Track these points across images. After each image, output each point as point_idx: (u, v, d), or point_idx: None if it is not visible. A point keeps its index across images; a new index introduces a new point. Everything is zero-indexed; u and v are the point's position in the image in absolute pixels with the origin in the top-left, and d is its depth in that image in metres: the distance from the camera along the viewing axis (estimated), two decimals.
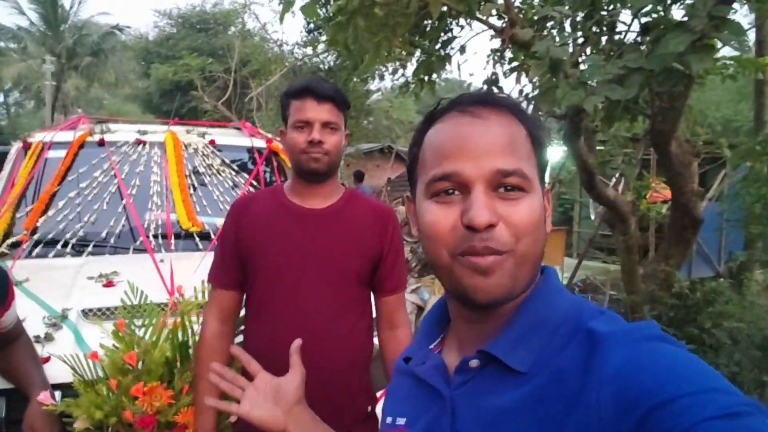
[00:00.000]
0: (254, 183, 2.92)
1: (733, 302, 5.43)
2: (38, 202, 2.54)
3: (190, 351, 1.51)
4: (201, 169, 2.93)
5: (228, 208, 2.65)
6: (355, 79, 12.35)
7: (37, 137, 2.90)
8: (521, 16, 4.03)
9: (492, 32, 3.74)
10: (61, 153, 2.75)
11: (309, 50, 13.26)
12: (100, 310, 1.72)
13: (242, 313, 1.50)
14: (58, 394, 1.42)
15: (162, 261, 2.13)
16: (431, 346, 0.69)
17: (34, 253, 2.32)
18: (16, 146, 2.89)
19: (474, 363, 0.59)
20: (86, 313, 1.71)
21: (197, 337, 1.52)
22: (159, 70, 17.58)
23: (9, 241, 2.37)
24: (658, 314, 4.57)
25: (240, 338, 1.49)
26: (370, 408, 1.46)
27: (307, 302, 1.35)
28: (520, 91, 4.06)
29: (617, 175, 6.94)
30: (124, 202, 2.58)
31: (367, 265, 1.43)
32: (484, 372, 0.59)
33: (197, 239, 2.55)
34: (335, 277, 1.38)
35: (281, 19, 3.95)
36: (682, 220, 4.62)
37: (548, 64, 3.20)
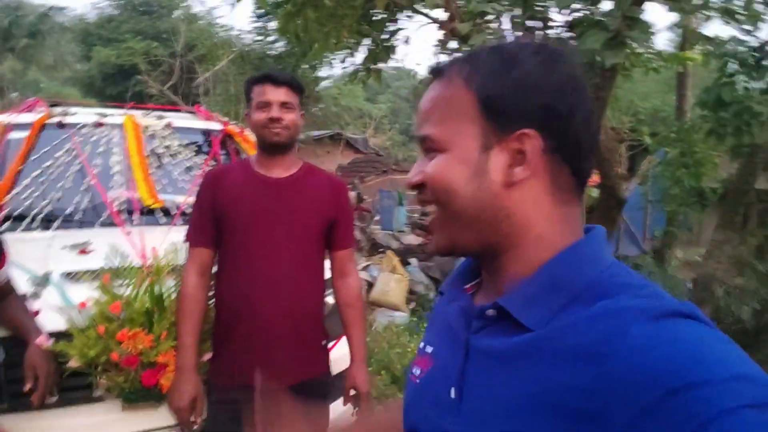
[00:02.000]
0: (212, 163, 3.12)
1: (654, 275, 6.03)
2: (4, 180, 2.65)
3: (165, 303, 1.75)
4: (160, 150, 3.10)
5: (186, 186, 2.86)
6: (303, 66, 12.44)
7: None
8: (462, 10, 4.35)
9: (432, 24, 4.05)
10: (23, 134, 2.86)
11: (257, 36, 13.21)
12: (81, 272, 1.92)
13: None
14: (50, 340, 1.63)
15: (129, 233, 2.33)
16: (467, 286, 0.70)
17: (2, 228, 2.45)
18: None
19: (490, 312, 0.60)
20: (68, 275, 1.91)
21: (171, 293, 1.76)
22: (101, 53, 17.03)
23: None
24: None
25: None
26: (324, 342, 1.76)
27: (275, 255, 1.63)
28: None
29: None
30: (88, 179, 2.73)
31: (324, 225, 1.73)
32: (500, 322, 0.59)
33: (159, 215, 2.74)
34: (298, 233, 1.67)
35: (233, 7, 4.11)
36: (608, 201, 5.10)
37: None
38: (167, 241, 2.08)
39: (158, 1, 19.38)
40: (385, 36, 4.63)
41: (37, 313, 1.68)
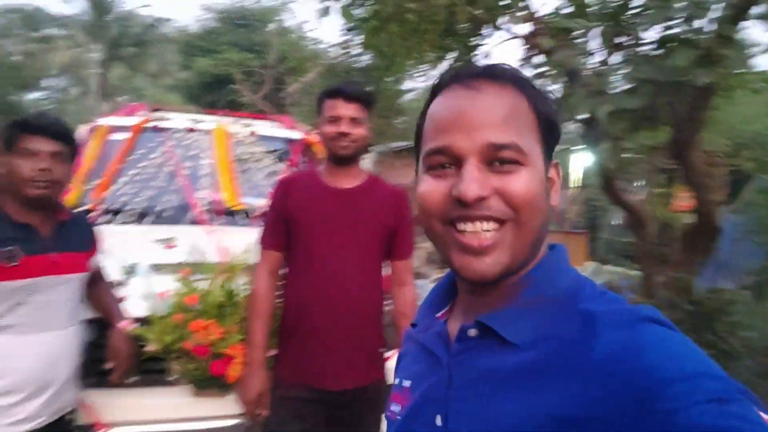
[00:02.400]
0: (291, 170, 3.26)
1: (751, 312, 5.53)
2: (104, 177, 2.92)
3: (236, 299, 1.85)
4: (244, 156, 3.28)
5: (265, 191, 3.00)
6: (387, 79, 12.65)
7: (103, 121, 3.30)
8: (547, 25, 4.27)
9: (514, 40, 4.00)
10: (124, 136, 3.14)
11: (343, 50, 13.61)
12: (165, 264, 2.08)
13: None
14: (132, 325, 1.77)
15: (210, 232, 2.49)
16: (438, 314, 0.70)
17: (103, 220, 2.70)
18: (84, 128, 3.29)
19: (472, 332, 0.60)
20: (154, 267, 2.07)
21: (241, 289, 1.86)
22: (200, 63, 18.20)
23: (81, 209, 2.75)
24: (676, 320, 4.71)
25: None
26: (382, 349, 1.79)
27: (338, 261, 1.69)
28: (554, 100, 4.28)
29: (642, 182, 7.05)
30: (178, 180, 2.94)
31: (385, 234, 1.77)
32: (482, 342, 0.59)
33: (240, 217, 2.90)
34: (361, 241, 1.72)
35: (318, 21, 4.27)
36: (702, 228, 4.75)
37: (566, 73, 3.45)
38: (243, 242, 2.21)
39: (254, 14, 20.51)
40: (467, 50, 4.62)
41: (123, 299, 1.83)
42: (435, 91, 0.64)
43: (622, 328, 0.51)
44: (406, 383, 0.69)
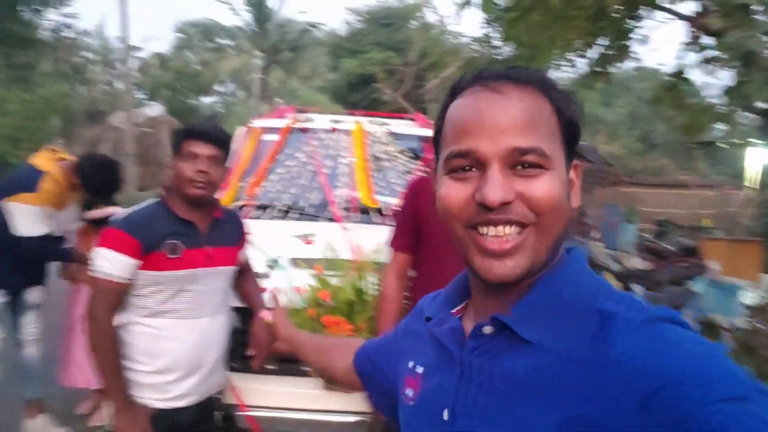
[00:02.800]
0: (426, 169, 3.27)
1: None
2: (256, 175, 3.19)
3: (365, 297, 1.89)
4: (380, 155, 3.36)
5: (399, 190, 3.01)
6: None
7: (257, 123, 3.60)
8: (717, 2, 3.74)
9: (675, 20, 3.57)
10: (274, 137, 3.40)
11: (484, 42, 13.32)
12: (302, 259, 2.20)
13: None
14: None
15: (345, 229, 2.58)
16: (454, 310, 0.70)
17: (252, 215, 2.95)
18: (241, 130, 3.62)
19: (487, 329, 0.60)
20: (293, 261, 2.21)
21: (371, 288, 1.90)
22: (347, 63, 19.13)
23: (235, 204, 3.04)
24: None
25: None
26: None
27: None
28: (724, 87, 3.78)
29: None
30: (319, 179, 3.11)
31: None
32: (496, 339, 0.60)
33: (374, 215, 2.97)
34: None
35: (459, 15, 4.22)
36: None
37: (741, 56, 2.99)
38: (375, 240, 2.26)
39: (398, 12, 21.01)
40: (619, 35, 4.24)
41: (265, 290, 1.97)
42: (455, 92, 0.63)
43: (639, 328, 0.51)
44: (419, 369, 0.70)
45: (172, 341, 1.58)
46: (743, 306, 5.49)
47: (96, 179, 2.70)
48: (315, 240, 2.47)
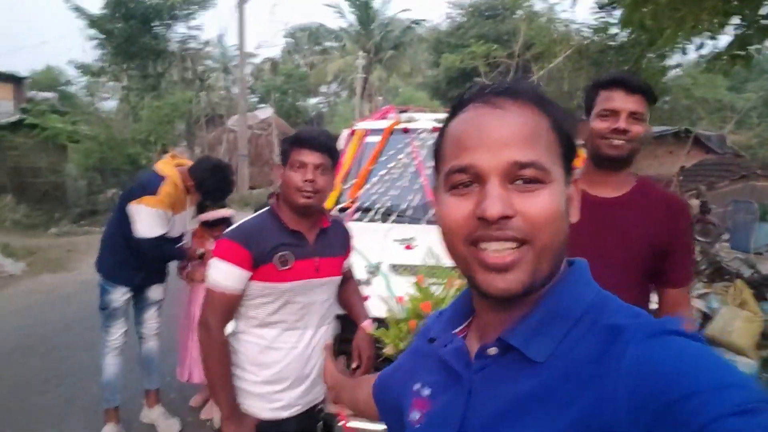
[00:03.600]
0: None
1: None
2: (359, 177, 3.19)
3: None
4: None
5: None
6: (649, 55, 11.18)
7: (360, 125, 3.61)
8: None
9: None
10: (376, 138, 3.38)
11: (597, 28, 12.48)
12: (403, 266, 2.15)
13: None
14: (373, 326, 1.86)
15: None
16: (456, 330, 0.70)
17: (355, 217, 2.96)
18: (345, 132, 3.66)
19: (492, 351, 0.60)
20: (394, 267, 2.16)
21: None
22: (447, 59, 18.89)
23: (338, 207, 3.07)
24: None
25: None
26: None
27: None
28: None
29: None
30: (420, 180, 3.04)
31: (652, 254, 1.44)
32: (503, 360, 0.59)
33: None
34: (619, 262, 1.42)
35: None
36: None
37: None
38: None
39: (502, 3, 20.39)
40: (762, 13, 3.71)
41: (366, 298, 1.94)
42: (455, 109, 0.64)
43: (647, 341, 0.50)
44: (426, 391, 0.70)
45: (280, 351, 1.59)
46: None
47: (209, 183, 2.84)
48: (415, 245, 2.41)
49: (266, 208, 1.69)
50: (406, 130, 3.40)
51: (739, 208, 9.16)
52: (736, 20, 3.94)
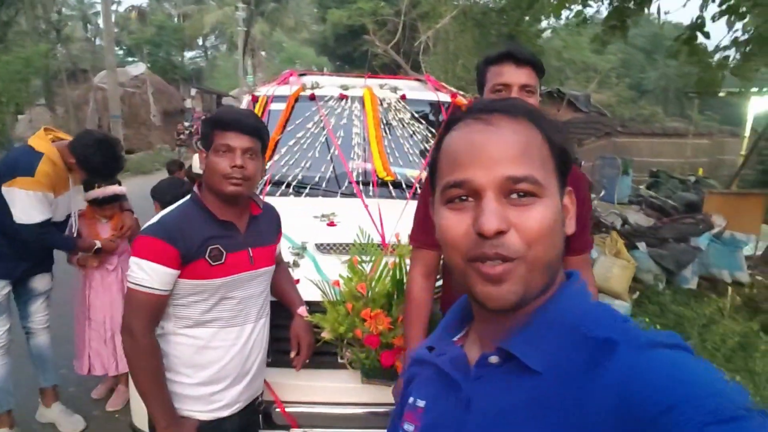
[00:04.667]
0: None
1: None
2: (266, 149, 3.03)
3: (404, 288, 1.80)
4: (393, 123, 3.20)
5: (416, 160, 2.85)
6: (527, 18, 11.77)
7: (262, 91, 3.40)
8: None
9: None
10: (281, 105, 3.21)
11: None
12: (330, 245, 2.10)
13: None
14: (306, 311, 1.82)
15: (367, 206, 2.47)
16: (455, 339, 0.71)
17: (264, 192, 2.82)
18: (246, 99, 3.43)
19: (494, 359, 0.61)
20: (320, 247, 2.10)
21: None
22: (334, 14, 18.41)
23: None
24: None
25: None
26: None
27: None
28: (734, 39, 3.63)
29: None
30: (333, 150, 2.96)
31: None
32: (502, 368, 0.60)
33: (391, 188, 2.85)
34: None
35: None
36: None
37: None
38: (403, 218, 2.15)
39: None
40: None
41: (297, 282, 1.88)
42: (449, 125, 0.66)
43: (634, 354, 0.52)
44: (420, 403, 0.70)
45: (218, 351, 1.49)
46: (747, 261, 5.52)
47: (94, 159, 2.53)
48: (338, 221, 2.36)
49: (187, 197, 1.54)
50: (312, 97, 3.27)
51: (605, 164, 10.16)
52: None
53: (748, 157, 8.39)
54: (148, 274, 1.35)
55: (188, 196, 1.52)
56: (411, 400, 0.72)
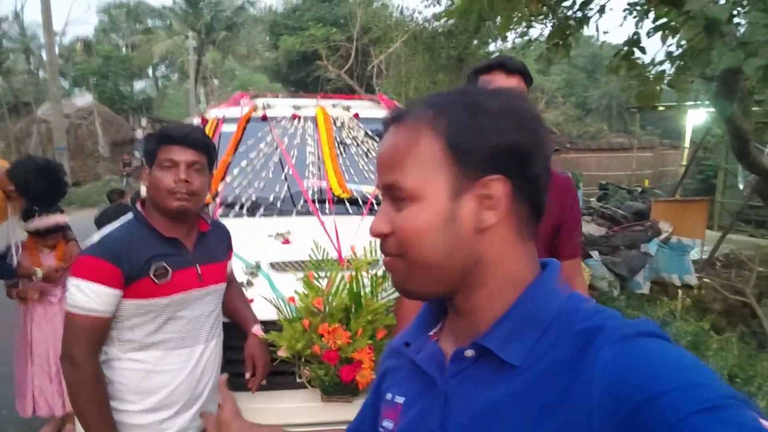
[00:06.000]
0: None
1: None
2: (217, 170, 2.96)
3: (362, 301, 1.77)
4: (347, 141, 3.20)
5: (371, 177, 2.85)
6: (474, 42, 12.15)
7: (212, 113, 3.35)
8: None
9: None
10: (232, 127, 3.17)
11: (429, 15, 13.16)
12: (285, 263, 2.05)
13: None
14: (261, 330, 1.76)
15: (323, 223, 2.44)
16: (431, 333, 0.71)
17: (217, 214, 2.75)
18: (195, 122, 3.36)
19: (469, 353, 0.61)
20: (274, 265, 2.05)
21: (367, 290, 1.78)
22: (287, 41, 18.49)
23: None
24: None
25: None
26: None
27: None
28: (668, 53, 3.83)
29: None
30: (287, 170, 2.93)
31: (550, 233, 1.53)
32: (478, 363, 0.60)
33: (347, 204, 2.83)
34: None
35: None
36: None
37: (703, 24, 3.02)
38: (360, 234, 2.13)
39: None
40: (575, 7, 4.22)
41: (251, 301, 1.82)
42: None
43: (618, 344, 0.51)
44: (399, 399, 0.69)
45: (166, 375, 1.41)
46: (694, 264, 5.76)
47: (36, 186, 2.41)
48: (293, 239, 2.32)
49: (128, 215, 1.48)
50: (264, 118, 3.24)
51: None
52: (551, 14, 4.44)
53: (688, 167, 8.82)
54: (88, 296, 1.28)
55: (129, 215, 1.45)
56: (389, 396, 0.71)
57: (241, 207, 2.77)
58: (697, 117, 9.42)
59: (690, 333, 3.93)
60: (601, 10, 4.04)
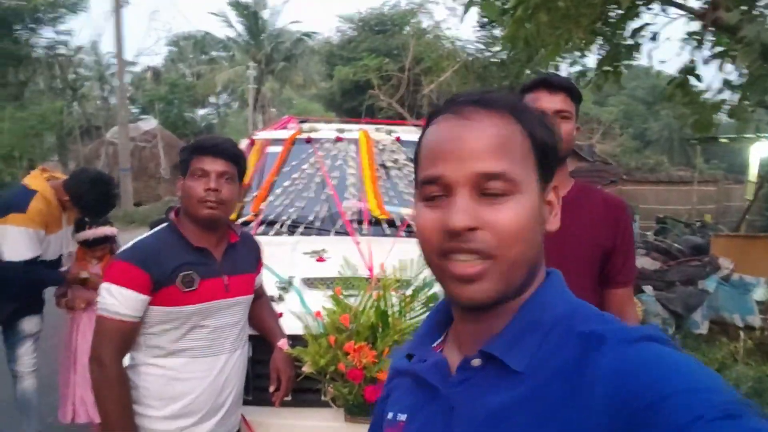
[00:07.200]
0: None
1: None
2: (261, 189, 3.06)
3: (390, 320, 1.76)
4: (388, 164, 3.23)
5: (411, 199, 2.86)
6: (528, 72, 12.09)
7: (260, 135, 3.47)
8: None
9: (688, 16, 3.47)
10: (278, 148, 3.27)
11: (481, 45, 13.24)
12: (317, 279, 2.07)
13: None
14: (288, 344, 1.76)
15: (359, 243, 2.45)
16: (434, 345, 0.69)
17: (258, 231, 2.82)
18: (244, 143, 3.49)
19: (476, 362, 0.60)
20: (306, 282, 2.07)
21: (395, 310, 1.76)
22: (341, 71, 19.02)
23: (240, 221, 2.90)
24: None
25: None
26: None
27: None
28: (725, 81, 3.68)
29: None
30: (327, 190, 2.98)
31: (599, 256, 1.46)
32: (483, 371, 0.59)
33: (385, 226, 2.84)
34: (569, 267, 1.41)
35: (462, 18, 4.12)
36: None
37: (759, 50, 2.90)
38: (393, 254, 2.13)
39: (391, 19, 20.94)
40: (626, 34, 4.14)
41: (281, 315, 1.84)
42: (430, 119, 0.64)
43: (623, 347, 0.51)
44: (402, 417, 0.67)
45: (189, 382, 1.44)
46: (757, 303, 5.38)
47: (88, 197, 2.55)
48: (327, 257, 2.34)
49: (164, 224, 1.53)
50: (309, 140, 3.32)
51: None
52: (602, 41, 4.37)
53: (753, 201, 8.33)
54: (117, 300, 1.33)
55: (164, 224, 1.51)
56: (390, 415, 0.69)
57: (282, 225, 2.83)
58: (763, 149, 8.92)
59: (752, 378, 3.65)
60: (654, 37, 3.94)
